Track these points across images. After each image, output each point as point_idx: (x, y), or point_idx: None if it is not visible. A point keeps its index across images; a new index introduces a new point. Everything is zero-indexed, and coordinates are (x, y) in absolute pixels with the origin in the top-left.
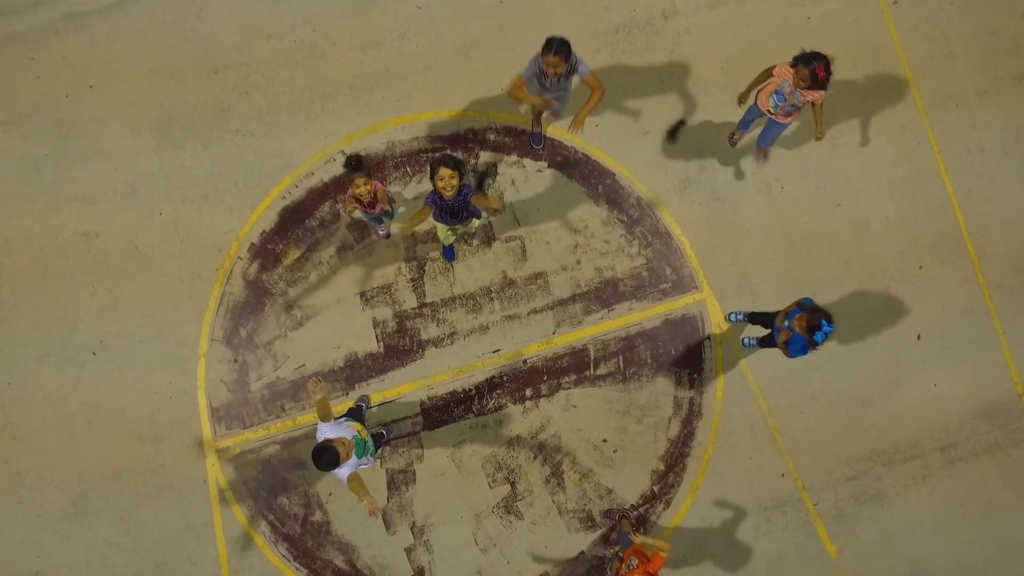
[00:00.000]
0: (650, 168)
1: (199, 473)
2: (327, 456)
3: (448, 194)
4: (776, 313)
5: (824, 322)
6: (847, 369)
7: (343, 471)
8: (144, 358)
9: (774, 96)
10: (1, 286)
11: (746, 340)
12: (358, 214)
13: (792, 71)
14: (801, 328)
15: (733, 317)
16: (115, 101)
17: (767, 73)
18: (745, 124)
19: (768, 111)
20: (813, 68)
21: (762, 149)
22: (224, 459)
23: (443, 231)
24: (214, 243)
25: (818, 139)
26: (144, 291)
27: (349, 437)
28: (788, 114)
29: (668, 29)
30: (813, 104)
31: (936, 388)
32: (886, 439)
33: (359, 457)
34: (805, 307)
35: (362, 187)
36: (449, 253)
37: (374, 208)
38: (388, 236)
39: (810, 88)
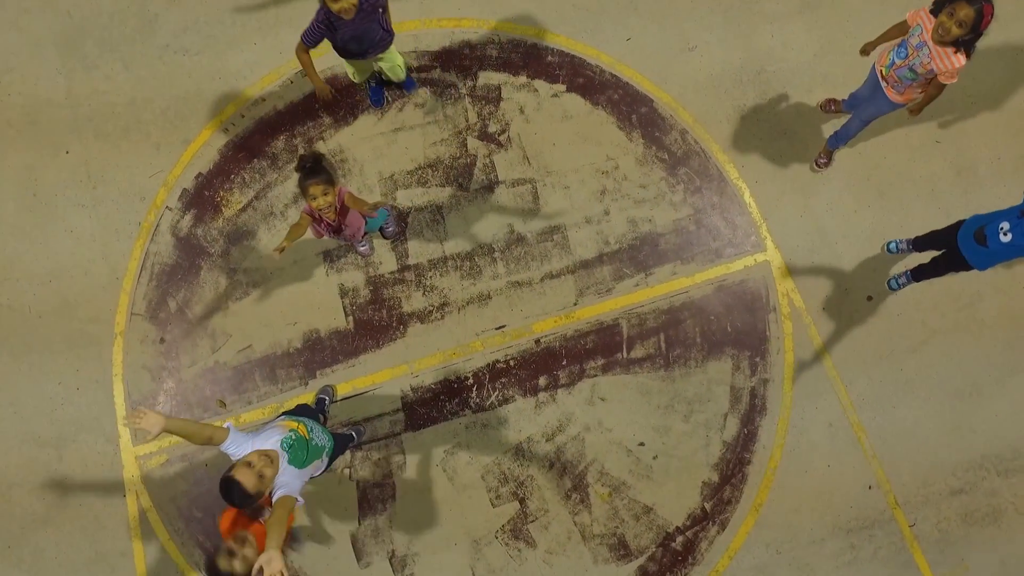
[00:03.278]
0: (697, 93)
1: (114, 487)
2: (237, 490)
3: (341, 6)
4: (951, 228)
5: None
6: (951, 351)
7: (279, 493)
8: (44, 337)
9: (894, 52)
10: None
11: (894, 281)
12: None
13: (930, 17)
14: None
15: (893, 247)
16: (8, 7)
17: (903, 25)
18: (854, 101)
19: (881, 73)
20: (980, 7)
21: (831, 150)
22: (147, 469)
23: (352, 69)
24: (136, 189)
25: (912, 113)
26: (44, 250)
27: (275, 444)
28: (901, 88)
29: None
30: (930, 82)
31: None
32: (1002, 441)
33: (299, 467)
34: None
35: (320, 198)
36: (377, 96)
37: (342, 230)
38: (373, 251)
39: (952, 43)
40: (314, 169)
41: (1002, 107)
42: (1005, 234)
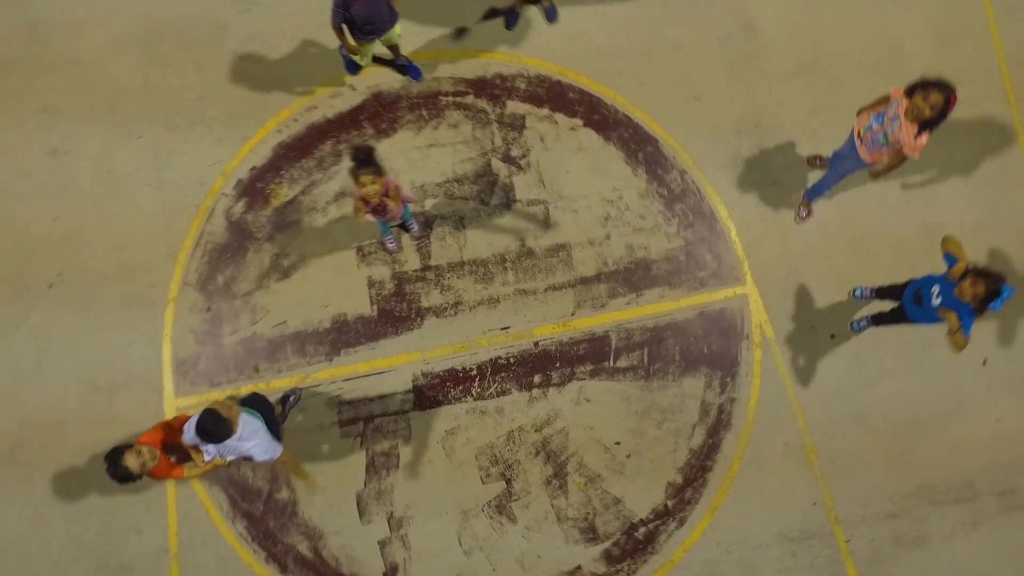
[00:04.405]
0: (698, 138)
1: None
2: (218, 423)
3: None
4: (904, 285)
5: (1004, 287)
6: (900, 390)
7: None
8: (106, 296)
9: (874, 117)
10: None
11: (856, 323)
12: (368, 218)
13: (905, 98)
14: (973, 296)
15: (858, 293)
16: (98, 6)
17: (888, 97)
18: (835, 158)
19: (858, 134)
20: (948, 94)
21: (808, 202)
22: None
23: (362, 53)
24: (197, 175)
25: (873, 175)
26: (113, 222)
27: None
28: (872, 149)
29: None
30: (897, 152)
31: (999, 422)
32: (936, 475)
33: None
34: (970, 271)
35: (369, 186)
36: (352, 65)
37: (385, 212)
38: (401, 250)
39: (919, 121)
40: (366, 160)
41: (968, 176)
42: (936, 296)
